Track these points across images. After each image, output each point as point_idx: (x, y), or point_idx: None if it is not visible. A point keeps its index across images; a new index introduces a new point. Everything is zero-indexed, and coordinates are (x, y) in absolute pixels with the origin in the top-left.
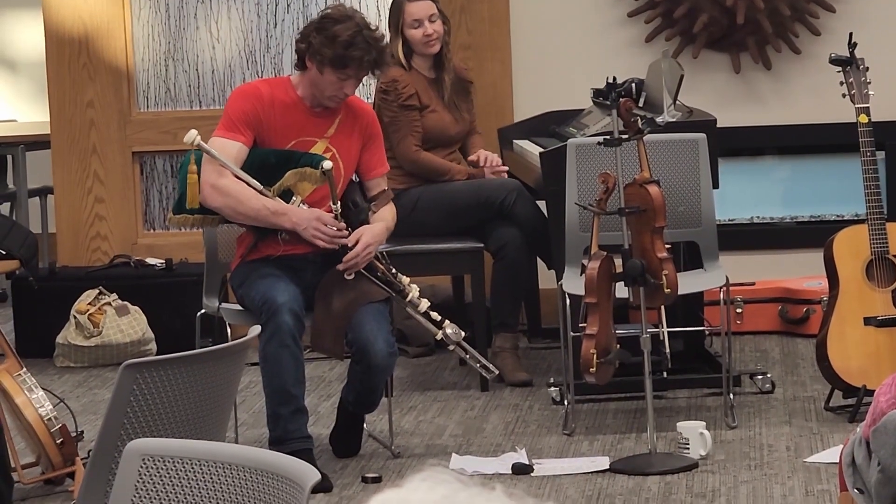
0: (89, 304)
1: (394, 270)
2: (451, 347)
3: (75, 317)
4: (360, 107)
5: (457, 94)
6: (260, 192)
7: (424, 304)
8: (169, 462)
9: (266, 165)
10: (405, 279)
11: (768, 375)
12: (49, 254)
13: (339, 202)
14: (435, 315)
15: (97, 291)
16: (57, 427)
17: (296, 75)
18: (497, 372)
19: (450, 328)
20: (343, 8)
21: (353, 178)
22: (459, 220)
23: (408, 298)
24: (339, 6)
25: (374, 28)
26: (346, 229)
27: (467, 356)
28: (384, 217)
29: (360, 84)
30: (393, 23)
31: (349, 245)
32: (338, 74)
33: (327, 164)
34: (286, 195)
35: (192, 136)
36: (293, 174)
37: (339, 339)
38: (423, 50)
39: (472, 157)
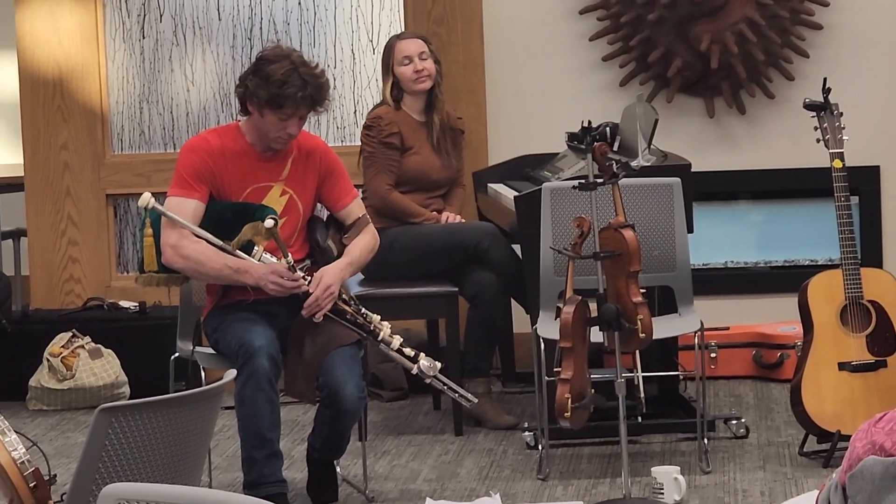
0: (62, 346)
1: (363, 310)
2: (428, 381)
3: (48, 360)
4: (313, 143)
5: (447, 140)
6: (220, 248)
7: (397, 340)
8: None
9: (223, 220)
10: (375, 318)
11: (742, 420)
12: (22, 296)
13: (289, 255)
14: (409, 351)
15: (70, 334)
16: (30, 470)
17: (244, 121)
18: (476, 400)
19: (425, 361)
20: (279, 49)
21: (318, 215)
22: (434, 263)
23: (379, 338)
24: (275, 47)
25: (312, 65)
26: (305, 276)
27: (445, 387)
28: (351, 251)
29: (306, 122)
30: (385, 63)
31: (311, 291)
32: (277, 115)
33: (269, 223)
34: (247, 247)
35: (146, 199)
36: (250, 228)
37: (310, 384)
38: (414, 87)
39: (436, 215)
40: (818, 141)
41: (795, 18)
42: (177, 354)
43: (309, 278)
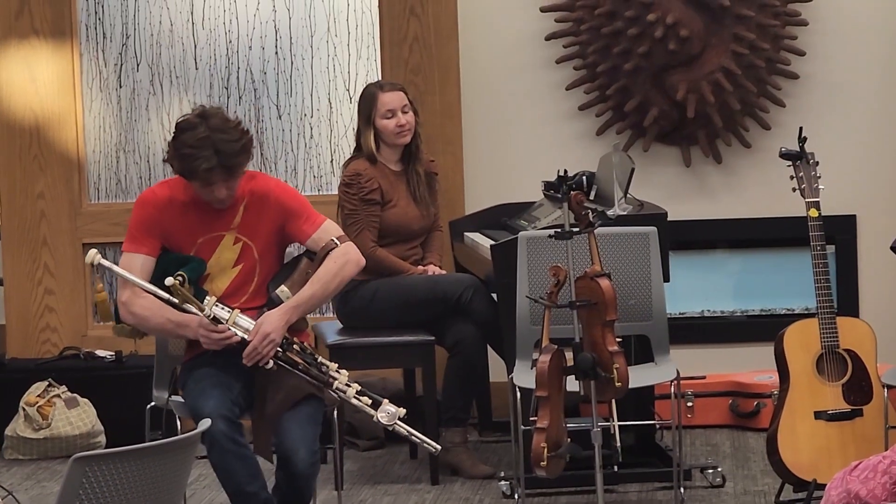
0: (38, 396)
1: (319, 359)
2: (390, 427)
3: (24, 409)
4: (265, 187)
5: (425, 188)
6: (167, 301)
7: (353, 389)
8: None
9: (167, 274)
10: (332, 366)
11: (719, 469)
12: None
13: (205, 308)
14: (366, 399)
15: (46, 384)
16: None
17: None
18: (439, 447)
19: (388, 407)
20: (200, 111)
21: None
22: (416, 313)
23: (333, 386)
24: (196, 110)
25: (232, 124)
26: (236, 323)
27: (407, 434)
28: (312, 282)
29: (237, 182)
30: (364, 113)
31: (248, 339)
32: (194, 184)
33: (168, 281)
34: (200, 294)
35: (92, 255)
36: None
37: (269, 442)
38: (395, 140)
39: (421, 269)
40: (794, 190)
41: (771, 68)
42: (153, 403)
43: (247, 325)
